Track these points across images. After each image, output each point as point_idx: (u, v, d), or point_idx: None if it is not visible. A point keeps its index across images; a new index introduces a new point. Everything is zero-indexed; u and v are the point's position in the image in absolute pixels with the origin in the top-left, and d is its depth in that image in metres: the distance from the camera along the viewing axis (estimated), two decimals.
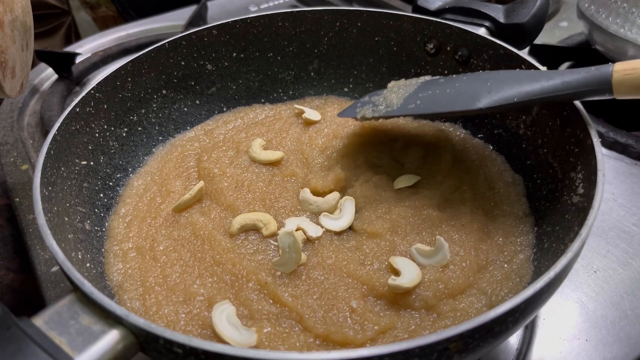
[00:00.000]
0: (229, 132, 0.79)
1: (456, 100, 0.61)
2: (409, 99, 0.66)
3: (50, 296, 0.67)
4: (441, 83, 0.66)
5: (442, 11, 0.81)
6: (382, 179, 0.67)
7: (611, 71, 0.52)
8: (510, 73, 0.60)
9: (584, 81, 0.53)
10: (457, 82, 0.64)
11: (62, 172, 0.58)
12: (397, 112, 0.65)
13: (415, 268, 0.54)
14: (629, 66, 0.51)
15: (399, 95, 0.67)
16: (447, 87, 0.64)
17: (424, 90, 0.66)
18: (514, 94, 0.57)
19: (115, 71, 0.69)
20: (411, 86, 0.68)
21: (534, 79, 0.57)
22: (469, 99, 0.60)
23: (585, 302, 0.63)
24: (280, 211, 0.64)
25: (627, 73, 0.51)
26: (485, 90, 0.59)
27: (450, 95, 0.62)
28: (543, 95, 0.55)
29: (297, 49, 0.83)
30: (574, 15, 1.17)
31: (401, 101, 0.66)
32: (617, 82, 0.51)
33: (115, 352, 0.39)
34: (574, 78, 0.54)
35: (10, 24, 0.68)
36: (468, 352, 0.39)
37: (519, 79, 0.58)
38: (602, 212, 0.73)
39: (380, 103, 0.68)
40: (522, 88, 0.57)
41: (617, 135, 0.82)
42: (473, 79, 0.63)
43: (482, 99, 0.58)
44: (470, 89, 0.61)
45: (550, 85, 0.55)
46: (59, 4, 1.81)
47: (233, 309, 0.52)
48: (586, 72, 0.54)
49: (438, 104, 0.62)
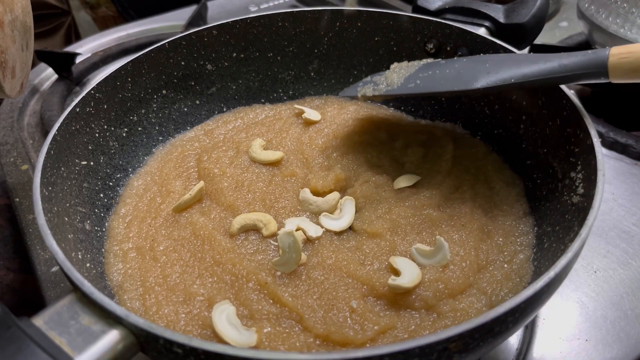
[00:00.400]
0: (229, 132, 0.79)
1: (455, 80, 0.62)
2: (410, 78, 0.67)
3: (50, 296, 0.67)
4: (442, 65, 0.67)
5: (442, 11, 0.81)
6: (382, 179, 0.67)
7: (607, 54, 0.52)
8: (510, 56, 0.62)
9: (581, 64, 0.54)
10: (457, 63, 0.65)
11: (62, 172, 0.58)
12: (397, 91, 0.66)
13: (415, 268, 0.54)
14: (625, 50, 0.51)
15: (400, 75, 0.68)
16: (447, 68, 0.65)
17: (425, 70, 0.67)
18: (512, 75, 0.58)
19: (115, 71, 0.69)
20: (412, 67, 0.69)
21: (532, 61, 0.58)
22: (468, 79, 0.61)
23: (585, 302, 0.63)
24: (280, 211, 0.64)
25: (623, 57, 0.51)
26: (484, 71, 0.60)
27: (449, 75, 0.64)
28: (540, 77, 0.56)
29: (297, 49, 0.83)
30: (574, 15, 1.17)
31: (402, 80, 0.67)
32: (613, 66, 0.52)
33: (115, 352, 0.39)
34: (571, 61, 0.55)
35: (10, 24, 0.68)
36: (468, 352, 0.39)
37: (517, 61, 0.59)
38: (602, 212, 0.73)
39: (381, 82, 0.69)
40: (520, 70, 0.58)
41: (617, 135, 0.82)
42: (473, 60, 0.65)
43: (480, 80, 0.60)
44: (469, 70, 0.63)
45: (547, 67, 0.56)
46: (59, 4, 1.82)
47: (233, 309, 0.52)
48: (583, 55, 0.54)
49: (437, 83, 0.64)
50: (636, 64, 0.51)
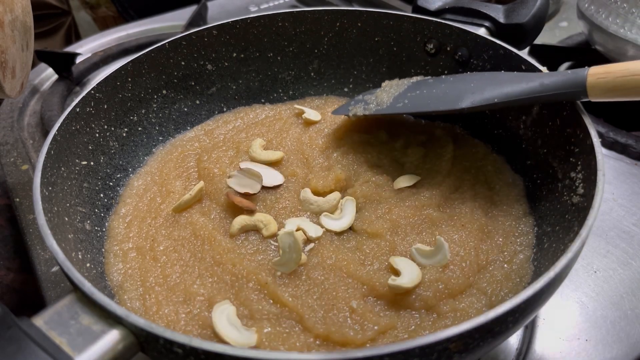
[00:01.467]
0: (229, 132, 0.79)
1: (441, 100, 0.65)
2: (398, 98, 0.69)
3: (50, 296, 0.67)
4: (430, 83, 0.69)
5: (442, 11, 0.81)
6: (382, 179, 0.67)
7: (586, 75, 0.54)
8: (495, 75, 0.64)
9: (561, 84, 0.56)
10: (444, 82, 0.68)
11: (62, 172, 0.58)
12: (387, 110, 0.69)
13: (415, 268, 0.54)
14: (603, 70, 0.53)
15: (390, 95, 0.70)
16: (434, 88, 0.68)
17: (413, 90, 0.69)
18: (495, 95, 0.60)
19: (115, 71, 0.69)
20: (402, 86, 0.72)
21: (515, 81, 0.60)
22: (453, 99, 0.63)
23: (585, 302, 0.63)
24: (280, 212, 0.64)
25: (601, 77, 0.53)
26: (469, 91, 0.63)
27: (435, 95, 0.66)
28: (522, 96, 0.58)
29: (297, 49, 0.83)
30: (574, 15, 1.17)
31: (391, 100, 0.70)
32: (591, 85, 0.54)
33: (115, 352, 0.39)
34: (551, 80, 0.57)
35: (10, 24, 0.68)
36: (468, 352, 0.39)
37: (501, 82, 0.61)
38: (602, 212, 0.73)
39: (371, 101, 0.71)
40: (503, 90, 0.60)
41: (617, 135, 0.82)
42: (459, 80, 0.67)
43: (464, 100, 0.62)
44: (454, 90, 0.65)
45: (529, 87, 0.58)
46: (59, 4, 1.82)
47: (233, 309, 0.52)
48: (563, 75, 0.56)
49: (424, 103, 0.66)
50: (613, 84, 0.52)
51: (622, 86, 0.52)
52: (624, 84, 0.52)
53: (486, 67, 0.72)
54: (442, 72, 0.78)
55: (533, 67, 0.64)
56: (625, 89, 0.52)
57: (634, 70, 0.51)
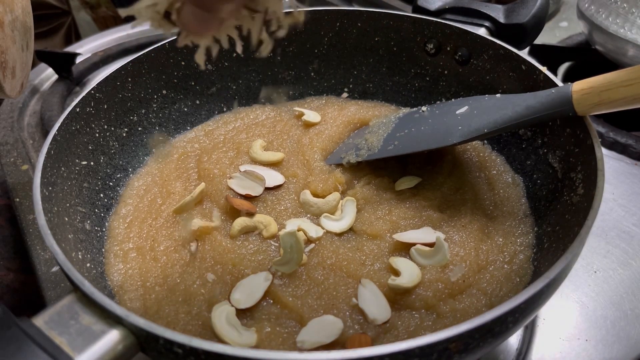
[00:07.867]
0: (229, 132, 0.78)
1: (431, 138, 0.64)
2: (388, 140, 0.69)
3: (50, 296, 0.67)
4: (416, 118, 0.69)
5: (442, 11, 0.81)
6: (383, 180, 0.67)
7: (570, 91, 0.53)
8: (479, 101, 0.63)
9: (548, 105, 0.55)
10: (431, 117, 0.67)
11: (62, 172, 0.58)
12: (378, 154, 0.68)
13: (415, 268, 0.54)
14: (587, 85, 0.53)
15: (379, 137, 0.70)
16: (422, 124, 0.67)
17: (401, 128, 0.69)
18: (484, 125, 0.59)
19: (115, 71, 0.69)
20: (390, 124, 0.71)
21: (501, 108, 0.59)
22: (442, 135, 0.63)
23: (585, 302, 0.63)
24: (281, 213, 0.64)
25: (585, 92, 0.53)
26: (457, 124, 0.62)
27: (424, 133, 0.65)
28: (510, 122, 0.58)
29: (297, 49, 0.83)
30: (574, 15, 1.17)
31: (381, 143, 0.69)
32: (577, 102, 0.53)
33: (116, 352, 0.39)
34: (537, 101, 0.56)
35: (10, 24, 0.68)
36: (468, 352, 0.39)
37: (487, 109, 0.60)
38: (602, 212, 0.73)
39: (362, 147, 0.70)
40: (490, 118, 0.59)
41: (617, 135, 0.82)
42: (445, 111, 0.66)
43: (454, 134, 0.62)
44: (442, 124, 0.64)
45: (515, 113, 0.57)
46: (59, 4, 1.81)
47: (233, 309, 0.52)
48: (547, 95, 0.56)
49: (414, 143, 0.66)
50: (599, 98, 0.52)
51: (608, 99, 0.51)
52: (609, 96, 0.51)
53: (486, 67, 0.72)
54: (442, 72, 0.78)
55: (533, 67, 0.64)
56: (611, 101, 0.51)
57: (616, 81, 0.50)
